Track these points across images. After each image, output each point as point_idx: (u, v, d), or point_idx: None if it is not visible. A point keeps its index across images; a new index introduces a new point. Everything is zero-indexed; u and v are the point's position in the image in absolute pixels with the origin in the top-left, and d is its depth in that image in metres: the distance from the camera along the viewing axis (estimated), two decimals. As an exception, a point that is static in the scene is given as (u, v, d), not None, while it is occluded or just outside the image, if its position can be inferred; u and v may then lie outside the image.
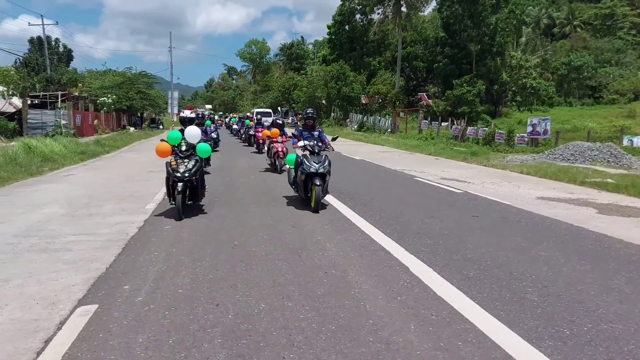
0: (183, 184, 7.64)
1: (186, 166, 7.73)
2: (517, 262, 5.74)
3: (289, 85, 64.53)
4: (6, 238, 6.63)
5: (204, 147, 8.08)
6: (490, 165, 17.30)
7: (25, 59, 52.62)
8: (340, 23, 58.59)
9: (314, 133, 9.21)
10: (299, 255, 5.89)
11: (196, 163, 7.89)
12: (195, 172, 7.83)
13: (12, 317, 4.08)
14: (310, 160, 8.54)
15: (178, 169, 7.67)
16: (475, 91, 37.61)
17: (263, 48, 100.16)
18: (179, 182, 7.61)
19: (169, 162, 7.84)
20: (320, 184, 8.41)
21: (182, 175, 7.64)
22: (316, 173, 8.45)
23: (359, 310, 4.27)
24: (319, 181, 8.42)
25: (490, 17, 41.10)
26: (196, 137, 8.03)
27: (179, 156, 7.88)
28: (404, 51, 51.54)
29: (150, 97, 47.05)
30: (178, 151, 7.95)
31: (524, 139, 23.28)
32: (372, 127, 42.87)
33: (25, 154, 15.86)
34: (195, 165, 7.84)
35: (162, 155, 7.98)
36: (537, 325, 3.98)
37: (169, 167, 7.74)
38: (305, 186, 8.75)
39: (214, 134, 21.25)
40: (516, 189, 11.74)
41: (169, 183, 7.88)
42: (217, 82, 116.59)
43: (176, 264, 5.52)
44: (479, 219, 8.19)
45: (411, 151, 24.11)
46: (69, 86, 37.27)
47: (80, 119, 30.98)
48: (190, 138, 8.01)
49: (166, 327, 3.91)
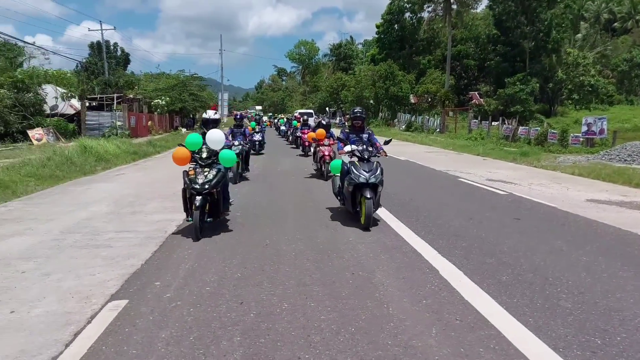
0: (202, 197, 6.56)
1: (206, 176, 6.69)
2: (554, 266, 5.51)
3: (337, 85, 64.61)
4: (53, 234, 6.96)
5: (228, 154, 6.95)
6: (541, 166, 16.69)
7: (86, 63, 55.10)
8: (389, 22, 58.17)
9: (363, 136, 8.07)
10: (328, 256, 5.89)
11: (218, 173, 6.80)
12: (217, 184, 6.75)
13: (48, 310, 4.28)
14: (359, 169, 7.30)
15: (197, 180, 6.64)
16: (529, 89, 36.45)
17: (312, 49, 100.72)
18: (198, 195, 6.55)
19: (187, 171, 6.82)
20: (372, 196, 7.09)
21: (201, 187, 6.58)
22: (366, 184, 7.19)
23: (381, 312, 4.22)
24: (370, 193, 7.11)
25: (545, 12, 39.70)
26: (219, 142, 6.96)
27: (198, 164, 6.87)
28: (455, 49, 50.59)
29: (202, 98, 48.24)
30: (198, 158, 6.91)
31: (578, 139, 22.30)
32: (420, 127, 42.30)
33: (80, 154, 16.60)
34: (217, 175, 6.76)
35: (180, 162, 6.93)
36: (566, 334, 3.80)
37: (186, 177, 6.72)
38: (354, 198, 7.50)
39: (257, 135, 20.92)
40: (565, 190, 11.27)
41: (185, 196, 6.84)
42: (267, 83, 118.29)
43: (207, 262, 5.64)
44: (520, 222, 7.92)
45: (459, 151, 23.62)
46: (126, 89, 38.82)
47: (134, 120, 32.13)
48: (212, 143, 6.93)
49: (189, 323, 4.00)
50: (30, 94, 25.15)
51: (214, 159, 6.96)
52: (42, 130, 23.81)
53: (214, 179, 6.72)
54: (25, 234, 7.00)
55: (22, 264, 5.58)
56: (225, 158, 6.93)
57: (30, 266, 5.49)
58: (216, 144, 6.97)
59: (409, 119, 46.17)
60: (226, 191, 7.28)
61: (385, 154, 7.89)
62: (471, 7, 49.32)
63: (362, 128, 8.21)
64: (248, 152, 13.83)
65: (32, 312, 4.22)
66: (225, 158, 6.93)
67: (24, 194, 10.39)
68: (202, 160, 6.90)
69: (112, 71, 50.98)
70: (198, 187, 6.60)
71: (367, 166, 7.39)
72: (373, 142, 7.99)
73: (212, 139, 6.92)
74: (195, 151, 6.98)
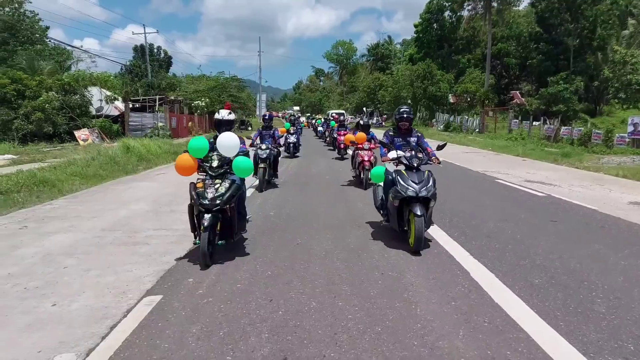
0: (212, 215, 5.47)
1: (217, 190, 5.58)
2: (590, 270, 5.37)
3: (374, 85, 64.37)
4: (95, 232, 7.24)
5: (244, 163, 5.70)
6: (583, 167, 16.20)
7: (130, 66, 56.72)
8: (428, 21, 57.61)
9: (411, 139, 6.85)
10: (359, 255, 5.92)
11: (232, 186, 5.68)
12: (230, 199, 5.62)
13: (87, 304, 4.48)
14: (407, 179, 6.10)
15: (206, 194, 5.54)
16: (573, 88, 35.42)
17: (350, 49, 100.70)
18: (207, 212, 5.47)
19: (194, 182, 5.74)
20: (422, 213, 5.85)
21: (211, 203, 5.47)
22: (416, 198, 5.98)
23: (409, 313, 4.22)
24: (421, 209, 5.87)
25: (590, 9, 38.44)
26: (232, 148, 5.75)
27: (208, 175, 5.78)
28: (495, 48, 49.60)
29: (241, 99, 48.96)
30: (207, 168, 5.81)
31: (624, 140, 21.53)
32: (458, 127, 41.68)
33: (123, 154, 17.13)
34: (230, 188, 5.63)
35: (184, 172, 5.79)
36: (598, 339, 3.72)
37: (193, 191, 5.62)
38: (400, 214, 6.32)
39: (292, 137, 19.92)
40: (607, 192, 10.93)
41: (192, 213, 5.75)
42: (304, 84, 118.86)
43: (239, 260, 5.76)
44: (557, 224, 7.73)
45: (498, 152, 23.18)
46: (167, 90, 39.83)
47: (175, 121, 32.92)
48: (223, 149, 5.75)
49: (219, 319, 4.11)
50: (76, 96, 26.10)
51: (227, 169, 5.80)
52: (87, 131, 24.68)
53: (227, 193, 5.58)
54: (69, 230, 7.30)
55: (65, 259, 5.84)
56: (240, 167, 5.67)
57: (73, 262, 5.73)
58: (229, 150, 5.77)
59: (447, 119, 45.56)
60: (242, 207, 6.23)
61: (438, 162, 6.63)
62: (512, 4, 48.24)
63: (410, 130, 6.94)
64: (277, 157, 12.33)
65: (72, 306, 4.42)
66: (240, 167, 5.67)
67: (69, 192, 10.82)
68: (212, 169, 5.78)
69: (155, 73, 52.36)
70: (207, 202, 5.48)
71: (417, 176, 6.16)
72: (423, 147, 6.85)
73: (223, 144, 5.74)
74: (204, 159, 5.90)
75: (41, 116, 23.13)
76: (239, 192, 5.88)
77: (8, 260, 5.80)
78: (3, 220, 8.00)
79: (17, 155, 17.65)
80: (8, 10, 38.86)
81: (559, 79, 36.16)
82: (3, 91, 23.20)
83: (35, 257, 5.92)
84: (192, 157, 5.75)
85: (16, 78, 24.02)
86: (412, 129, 7.01)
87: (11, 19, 37.86)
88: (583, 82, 37.69)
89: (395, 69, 67.64)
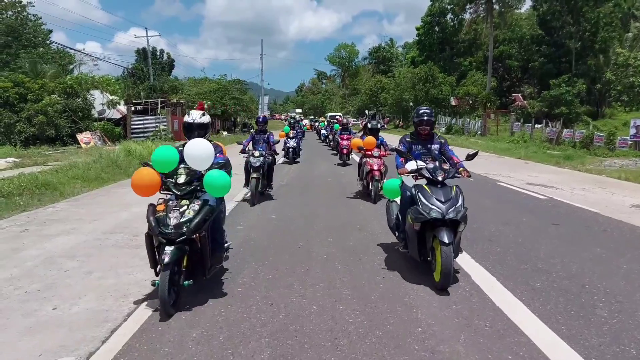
0: (175, 248, 4.20)
1: (183, 214, 4.30)
2: (592, 274, 5.36)
3: (376, 88, 64.40)
4: (96, 234, 7.25)
5: (218, 178, 4.43)
6: (585, 170, 16.17)
7: (132, 69, 56.87)
8: (429, 24, 57.66)
9: (432, 146, 5.73)
10: (360, 259, 5.91)
11: (203, 208, 4.38)
12: (200, 225, 4.32)
13: (88, 307, 4.47)
14: (431, 197, 4.94)
15: (167, 220, 4.25)
16: (575, 91, 35.35)
17: (352, 52, 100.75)
18: (169, 244, 4.21)
19: (154, 205, 4.46)
20: (451, 240, 4.70)
21: (175, 232, 4.20)
22: (442, 220, 4.82)
23: (410, 317, 4.22)
24: (448, 236, 4.72)
25: (592, 11, 38.44)
26: (204, 159, 4.50)
27: (174, 194, 4.48)
28: (497, 50, 49.65)
29: (243, 102, 48.98)
30: (172, 185, 4.50)
31: (626, 142, 21.48)
32: (460, 129, 41.66)
33: (125, 157, 17.16)
34: (200, 212, 4.34)
35: (144, 191, 4.53)
36: (600, 343, 3.71)
37: (151, 216, 4.32)
38: (422, 240, 5.14)
39: (292, 141, 18.76)
40: (609, 195, 10.90)
41: (152, 244, 4.42)
42: (307, 86, 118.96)
43: (240, 263, 5.76)
44: (559, 227, 7.71)
45: (500, 154, 23.16)
46: (170, 93, 39.89)
47: (177, 124, 32.95)
48: (193, 161, 4.49)
49: (220, 323, 4.10)
50: (79, 99, 26.17)
51: (197, 186, 4.55)
52: (89, 134, 24.75)
53: (197, 218, 4.29)
54: (70, 233, 7.31)
55: (66, 262, 5.84)
56: (212, 184, 4.41)
57: (74, 264, 5.74)
58: (200, 162, 4.51)
59: (449, 122, 45.56)
60: (219, 233, 4.91)
61: (467, 175, 5.50)
62: (514, 7, 48.21)
63: (431, 136, 5.81)
64: (271, 166, 10.73)
65: (73, 309, 4.42)
66: (212, 184, 4.41)
67: (71, 195, 10.83)
68: (178, 187, 4.49)
69: (157, 76, 52.47)
70: (170, 231, 4.20)
71: (443, 193, 4.99)
72: (448, 155, 5.71)
73: (192, 155, 4.48)
74: (168, 174, 4.57)
75: (43, 119, 23.19)
76: (213, 216, 4.54)
77: (9, 262, 5.81)
78: (5, 223, 8.01)
79: (19, 159, 17.69)
80: (11, 14, 38.98)
81: (561, 82, 36.11)
82: (5, 94, 23.28)
83: (37, 259, 5.92)
84: (156, 172, 4.46)
85: (18, 81, 24.09)
86: (434, 134, 5.87)
87: (14, 22, 37.97)
88: (585, 84, 37.66)
89: (397, 72, 67.69)
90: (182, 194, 4.48)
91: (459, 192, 5.10)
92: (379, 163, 10.04)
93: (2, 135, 22.87)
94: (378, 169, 9.97)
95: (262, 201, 10.05)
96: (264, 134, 10.68)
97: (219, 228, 4.92)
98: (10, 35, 36.97)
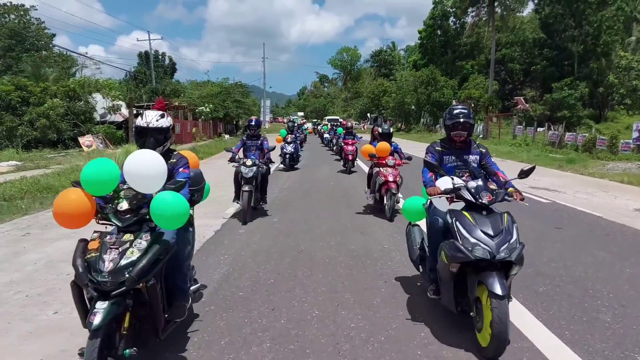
0: (111, 303, 2.99)
1: (123, 255, 3.11)
2: (596, 278, 5.32)
3: (378, 91, 64.48)
4: (98, 238, 7.23)
5: (169, 203, 3.16)
6: (588, 173, 16.13)
7: (134, 72, 57.03)
8: (431, 27, 57.70)
9: (470, 158, 4.47)
10: (362, 263, 5.89)
11: (153, 246, 3.19)
12: (147, 270, 3.10)
13: (89, 311, 4.45)
14: (475, 228, 3.70)
15: (99, 265, 3.06)
16: (577, 94, 35.29)
17: (354, 55, 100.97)
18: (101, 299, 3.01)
19: (85, 241, 3.29)
20: (505, 292, 3.45)
21: (111, 281, 2.99)
22: (491, 262, 3.58)
23: (413, 321, 4.19)
24: (501, 284, 3.47)
25: (594, 15, 38.43)
26: (152, 178, 3.27)
27: (116, 227, 3.28)
28: (499, 53, 49.66)
29: (246, 105, 49.03)
30: (111, 213, 3.29)
31: (629, 146, 21.40)
32: (463, 133, 41.60)
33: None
34: (149, 251, 3.15)
35: (72, 222, 3.35)
36: (604, 348, 3.68)
37: (79, 259, 3.13)
38: (460, 286, 3.86)
39: (289, 147, 17.32)
40: (612, 199, 10.86)
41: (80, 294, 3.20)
42: (309, 90, 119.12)
43: (242, 267, 5.74)
44: (562, 231, 7.68)
45: (502, 158, 23.05)
46: (172, 96, 39.98)
47: (179, 127, 32.99)
48: (135, 181, 3.26)
49: (221, 328, 4.08)
50: (81, 102, 26.22)
51: (146, 214, 3.26)
52: (91, 137, 24.77)
53: (142, 260, 3.08)
54: (71, 237, 7.28)
55: (67, 266, 5.79)
56: (162, 211, 3.14)
57: (75, 268, 5.72)
58: (145, 183, 3.26)
59: (451, 125, 45.53)
60: (179, 277, 3.68)
61: (521, 198, 4.16)
62: (516, 10, 48.26)
63: (468, 144, 4.50)
64: (265, 176, 9.28)
65: (74, 314, 4.34)
66: (162, 211, 3.14)
67: (73, 198, 10.81)
68: (118, 217, 3.25)
69: (159, 80, 52.61)
70: (103, 279, 2.99)
71: (491, 223, 3.74)
72: (491, 170, 4.47)
73: (134, 172, 3.23)
74: (108, 197, 3.35)
75: (45, 123, 23.23)
76: (168, 255, 3.31)
77: (10, 267, 5.80)
78: (6, 226, 8.01)
79: (21, 162, 17.71)
80: (14, 17, 39.15)
81: (563, 85, 36.06)
82: (8, 98, 23.33)
83: (38, 264, 5.91)
84: (88, 195, 3.24)
85: (21, 85, 24.16)
86: (472, 140, 4.55)
87: (17, 26, 38.13)
88: (588, 88, 37.62)
89: (398, 75, 67.77)
90: (124, 225, 3.19)
91: (512, 222, 3.79)
92: (395, 173, 8.59)
93: (4, 138, 22.91)
94: (394, 180, 8.49)
95: (255, 217, 8.64)
96: (257, 140, 9.16)
97: (180, 268, 3.66)
98: (13, 39, 37.12)
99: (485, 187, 3.97)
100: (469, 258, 3.55)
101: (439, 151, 4.48)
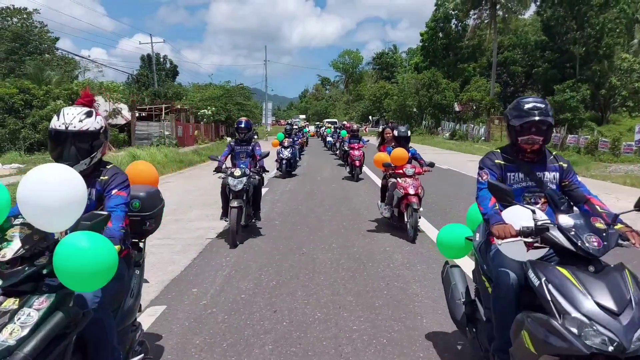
0: None
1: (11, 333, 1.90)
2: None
3: (379, 94, 64.55)
4: (100, 240, 7.23)
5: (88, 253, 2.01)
6: (590, 175, 16.08)
7: (136, 75, 57.19)
8: (433, 30, 57.74)
9: (544, 176, 3.05)
10: (364, 265, 5.88)
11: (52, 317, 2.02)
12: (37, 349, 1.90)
13: (91, 313, 4.45)
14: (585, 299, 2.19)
15: None
16: (579, 97, 35.28)
17: (356, 58, 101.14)
18: None
19: None
20: None
21: None
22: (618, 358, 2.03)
23: (415, 324, 4.18)
24: None
25: (596, 17, 38.42)
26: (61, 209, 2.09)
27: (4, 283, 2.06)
28: (501, 56, 49.68)
29: (247, 107, 49.10)
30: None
31: (631, 148, 21.39)
32: (464, 135, 41.64)
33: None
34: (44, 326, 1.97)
35: None
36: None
37: None
38: None
39: (286, 151, 15.92)
40: (615, 201, 10.80)
41: None
42: (310, 92, 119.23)
43: (243, 269, 5.74)
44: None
45: (504, 160, 23.11)
46: (174, 99, 40.09)
47: (181, 130, 33.06)
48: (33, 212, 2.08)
49: (223, 330, 4.08)
50: (83, 105, 26.29)
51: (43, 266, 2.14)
52: (94, 140, 24.83)
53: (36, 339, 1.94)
54: None
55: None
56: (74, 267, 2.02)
57: (77, 271, 5.72)
58: (51, 216, 2.12)
59: (453, 128, 45.57)
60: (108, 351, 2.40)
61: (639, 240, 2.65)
62: (518, 13, 48.31)
63: (543, 155, 3.12)
64: (258, 188, 7.85)
65: (76, 315, 4.40)
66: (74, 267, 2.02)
67: (75, 201, 10.83)
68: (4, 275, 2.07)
69: (162, 82, 52.72)
70: None
71: (608, 287, 2.25)
72: (579, 194, 3.08)
73: (33, 199, 2.09)
74: None
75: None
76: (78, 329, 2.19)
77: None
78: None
79: (24, 165, 17.76)
80: (16, 21, 39.33)
81: (565, 87, 36.07)
82: (11, 101, 23.40)
83: (40, 266, 5.91)
84: None
85: (24, 88, 24.23)
86: (547, 150, 3.15)
87: (20, 29, 38.29)
88: (590, 90, 37.59)
89: (400, 78, 67.83)
90: (7, 284, 2.08)
91: (637, 282, 2.35)
92: (415, 185, 7.22)
93: (7, 141, 22.98)
94: (415, 193, 7.13)
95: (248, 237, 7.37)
96: (248, 145, 7.78)
97: (105, 345, 2.39)
98: (16, 42, 37.27)
99: (588, 224, 2.52)
100: (580, 351, 2.05)
101: (501, 165, 3.08)
